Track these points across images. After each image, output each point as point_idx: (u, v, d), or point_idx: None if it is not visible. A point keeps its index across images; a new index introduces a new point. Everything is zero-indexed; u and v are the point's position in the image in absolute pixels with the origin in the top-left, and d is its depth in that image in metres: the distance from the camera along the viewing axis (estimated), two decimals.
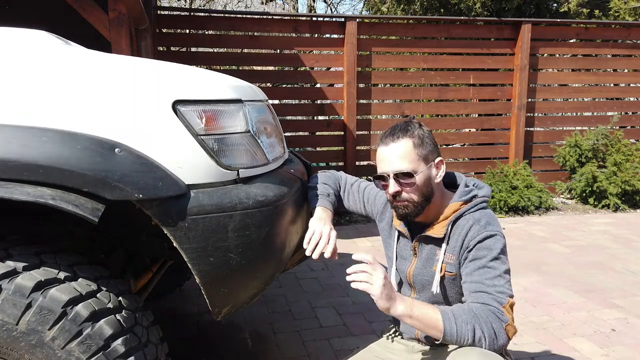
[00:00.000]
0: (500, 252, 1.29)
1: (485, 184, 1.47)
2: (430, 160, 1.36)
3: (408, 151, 1.34)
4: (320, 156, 5.50)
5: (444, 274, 1.38)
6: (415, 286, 1.47)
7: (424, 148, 1.35)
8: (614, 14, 7.07)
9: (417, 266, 1.44)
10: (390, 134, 1.36)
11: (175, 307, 2.71)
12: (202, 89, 1.26)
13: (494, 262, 1.28)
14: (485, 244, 1.30)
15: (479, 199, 1.39)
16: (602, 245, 3.99)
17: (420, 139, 1.35)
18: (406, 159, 1.33)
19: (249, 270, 1.29)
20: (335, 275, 3.27)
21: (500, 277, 1.26)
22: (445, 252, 1.37)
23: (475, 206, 1.37)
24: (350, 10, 15.84)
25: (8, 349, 1.09)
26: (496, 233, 1.31)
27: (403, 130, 1.35)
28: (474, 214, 1.36)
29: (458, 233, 1.35)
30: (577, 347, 2.31)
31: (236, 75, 1.65)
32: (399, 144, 1.34)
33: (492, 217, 1.36)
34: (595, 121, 5.77)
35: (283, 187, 1.37)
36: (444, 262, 1.37)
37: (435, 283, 1.38)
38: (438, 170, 1.38)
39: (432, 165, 1.37)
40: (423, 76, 5.39)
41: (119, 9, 2.51)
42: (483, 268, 1.28)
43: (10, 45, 1.23)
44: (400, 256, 1.50)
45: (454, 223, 1.36)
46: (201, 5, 10.62)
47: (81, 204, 1.10)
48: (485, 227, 1.32)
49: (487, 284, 1.25)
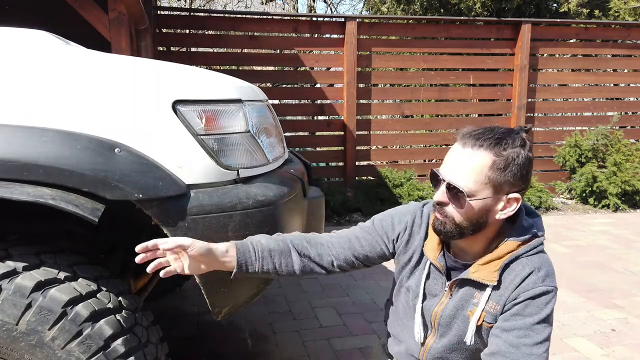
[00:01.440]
0: (550, 312, 1.08)
1: (537, 213, 1.21)
2: (502, 191, 1.06)
3: (480, 168, 1.04)
4: (320, 156, 5.50)
5: (481, 323, 1.13)
6: (438, 329, 1.20)
7: (503, 174, 1.04)
8: (614, 14, 7.06)
9: (447, 306, 1.18)
10: (477, 135, 1.06)
11: (175, 307, 2.71)
12: (202, 89, 1.26)
13: (539, 326, 1.06)
14: (539, 301, 1.07)
15: (538, 240, 1.13)
16: (602, 245, 3.99)
17: (506, 161, 1.04)
18: (472, 175, 1.05)
19: None
20: (335, 275, 3.27)
21: (540, 345, 1.06)
22: (489, 300, 1.11)
23: (534, 248, 1.12)
24: (350, 10, 15.83)
25: (8, 349, 1.09)
26: (553, 289, 1.09)
27: (495, 139, 1.05)
28: (531, 258, 1.11)
29: (510, 280, 1.10)
30: (577, 347, 2.31)
31: (236, 75, 1.65)
32: (476, 154, 1.05)
33: (552, 267, 1.12)
34: (595, 121, 5.77)
35: (283, 187, 1.37)
36: (485, 311, 1.12)
37: (471, 332, 1.13)
38: (507, 207, 1.08)
39: (502, 199, 1.07)
40: (423, 76, 5.39)
41: (119, 9, 2.50)
42: (524, 329, 1.06)
43: (10, 46, 1.23)
44: (429, 292, 1.22)
45: (506, 266, 1.11)
46: (201, 5, 10.62)
47: (81, 203, 1.10)
48: (544, 280, 1.08)
49: (523, 351, 1.05)
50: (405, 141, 5.46)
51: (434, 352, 1.22)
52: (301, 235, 1.24)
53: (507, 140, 1.05)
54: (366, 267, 1.30)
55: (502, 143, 1.05)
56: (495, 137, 1.05)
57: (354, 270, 1.24)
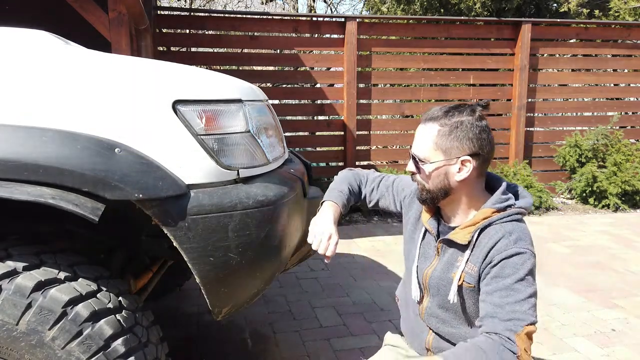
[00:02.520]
0: (527, 272, 1.16)
1: (528, 194, 1.32)
2: (452, 155, 1.22)
3: (428, 137, 1.24)
4: (320, 156, 5.50)
5: (462, 283, 1.26)
6: (429, 289, 1.36)
7: (448, 139, 1.22)
8: (614, 14, 7.06)
9: (436, 269, 1.33)
10: (431, 112, 1.27)
11: (175, 307, 2.71)
12: (202, 89, 1.26)
13: (518, 285, 1.15)
14: (512, 261, 1.17)
15: (514, 210, 1.24)
16: (602, 245, 3.99)
17: (451, 128, 1.22)
18: (424, 145, 1.25)
19: (249, 270, 1.28)
20: (335, 275, 3.27)
21: (523, 302, 1.13)
22: (468, 261, 1.25)
23: (508, 216, 1.23)
24: (350, 10, 15.84)
25: (8, 349, 1.09)
26: (526, 251, 1.18)
27: (443, 113, 1.24)
28: (505, 225, 1.22)
29: (484, 243, 1.22)
30: (577, 347, 2.31)
31: (236, 75, 1.65)
32: (427, 127, 1.26)
33: (525, 233, 1.22)
34: (595, 121, 5.77)
35: (283, 187, 1.37)
36: (464, 272, 1.26)
37: (453, 292, 1.27)
38: (462, 169, 1.23)
39: (454, 161, 1.23)
40: (423, 76, 5.39)
41: (119, 9, 2.51)
42: (505, 290, 1.15)
43: (10, 46, 1.23)
44: (423, 254, 1.39)
45: (481, 231, 1.24)
46: (201, 5, 10.62)
47: (81, 203, 1.10)
48: (516, 243, 1.18)
49: (507, 309, 1.13)
50: (405, 141, 5.46)
51: (430, 311, 1.37)
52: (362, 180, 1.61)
53: (454, 112, 1.24)
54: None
55: (448, 115, 1.24)
56: (443, 111, 1.25)
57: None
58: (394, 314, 2.61)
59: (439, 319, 1.35)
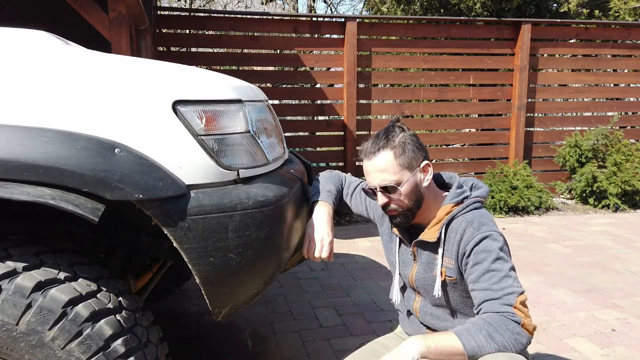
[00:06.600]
0: (499, 250, 1.26)
1: (483, 184, 1.44)
2: (414, 166, 1.34)
3: (390, 164, 1.32)
4: (320, 156, 5.50)
5: (444, 278, 1.36)
6: (419, 290, 1.46)
7: (405, 156, 1.32)
8: (614, 14, 7.07)
9: (418, 271, 1.43)
10: (371, 146, 1.35)
11: (175, 307, 2.71)
12: (202, 89, 1.26)
13: (496, 264, 1.24)
14: (482, 246, 1.27)
15: (471, 200, 1.36)
16: (602, 245, 3.99)
17: (401, 147, 1.32)
18: (389, 171, 1.32)
19: (249, 271, 1.28)
20: (335, 275, 3.27)
21: (506, 278, 1.23)
22: (443, 257, 1.35)
23: (467, 207, 1.34)
24: (350, 10, 15.84)
25: (8, 350, 1.09)
26: (491, 233, 1.28)
27: (384, 140, 1.33)
28: (466, 215, 1.33)
29: (453, 237, 1.33)
30: (577, 347, 2.31)
31: (236, 75, 1.65)
32: (380, 157, 1.33)
33: (485, 217, 1.33)
34: (595, 121, 5.77)
35: (283, 187, 1.37)
36: (444, 267, 1.35)
37: (437, 287, 1.36)
38: (425, 174, 1.36)
39: (418, 171, 1.34)
40: (423, 76, 5.39)
41: (119, 9, 2.51)
42: (487, 273, 1.24)
43: (10, 46, 1.23)
44: (402, 261, 1.49)
45: (447, 226, 1.34)
46: (201, 5, 10.62)
47: (81, 203, 1.10)
48: (479, 229, 1.28)
49: (495, 288, 1.22)
50: None
51: (424, 310, 1.46)
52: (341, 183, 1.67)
53: (390, 134, 1.34)
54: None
55: (388, 139, 1.33)
56: (381, 138, 1.34)
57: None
58: (394, 314, 2.60)
59: (434, 316, 1.44)
